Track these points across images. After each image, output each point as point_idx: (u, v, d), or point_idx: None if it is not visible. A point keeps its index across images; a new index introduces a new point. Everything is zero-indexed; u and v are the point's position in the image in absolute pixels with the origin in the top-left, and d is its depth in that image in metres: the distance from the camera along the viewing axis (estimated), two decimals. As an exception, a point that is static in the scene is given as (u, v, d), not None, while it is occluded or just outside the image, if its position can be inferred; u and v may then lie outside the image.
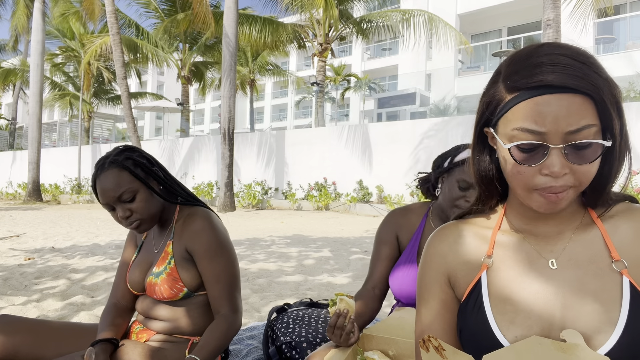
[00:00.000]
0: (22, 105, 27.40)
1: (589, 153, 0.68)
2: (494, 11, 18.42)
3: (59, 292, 3.28)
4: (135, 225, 1.39)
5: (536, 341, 0.64)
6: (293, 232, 7.04)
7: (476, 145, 0.82)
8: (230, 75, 11.38)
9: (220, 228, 1.46)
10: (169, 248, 1.43)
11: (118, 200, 1.36)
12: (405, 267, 1.55)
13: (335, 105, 24.97)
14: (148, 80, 38.60)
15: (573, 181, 0.69)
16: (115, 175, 1.36)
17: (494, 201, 0.85)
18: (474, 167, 0.83)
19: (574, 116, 0.66)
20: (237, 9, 11.35)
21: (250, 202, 12.63)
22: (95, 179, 1.38)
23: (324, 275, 3.91)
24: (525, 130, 0.68)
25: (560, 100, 0.66)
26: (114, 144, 18.74)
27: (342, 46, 28.97)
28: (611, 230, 0.76)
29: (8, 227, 7.59)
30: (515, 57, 0.73)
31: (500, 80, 0.74)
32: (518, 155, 0.70)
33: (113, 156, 1.40)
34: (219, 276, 1.39)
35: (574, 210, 0.79)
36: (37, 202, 15.24)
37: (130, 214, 1.37)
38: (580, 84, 0.65)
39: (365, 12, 15.83)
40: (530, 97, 0.68)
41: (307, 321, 1.72)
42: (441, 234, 0.88)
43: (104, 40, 15.71)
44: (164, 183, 1.47)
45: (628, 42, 14.60)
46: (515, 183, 0.73)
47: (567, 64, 0.67)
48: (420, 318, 0.85)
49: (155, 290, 1.39)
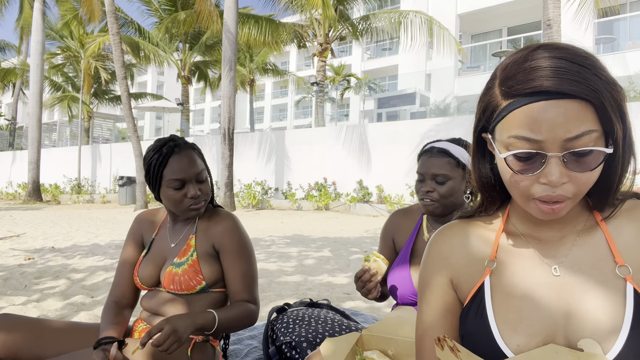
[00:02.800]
0: (22, 105, 27.39)
1: (590, 160, 0.65)
2: (494, 11, 18.41)
3: (59, 292, 3.28)
4: (201, 206, 1.47)
5: (553, 349, 0.63)
6: (293, 232, 7.04)
7: (476, 151, 0.80)
8: (230, 75, 11.37)
9: (245, 229, 1.56)
10: (191, 241, 1.49)
11: (194, 178, 1.44)
12: (398, 268, 1.55)
13: (335, 105, 24.94)
14: (148, 80, 38.60)
15: (572, 190, 0.67)
16: (193, 155, 1.46)
17: (496, 205, 0.84)
18: (474, 174, 0.82)
19: (573, 122, 0.63)
20: (237, 8, 11.36)
21: (250, 202, 12.62)
22: (171, 155, 1.42)
23: (324, 275, 3.91)
24: (521, 138, 0.66)
25: (557, 107, 0.63)
26: (114, 144, 18.74)
27: (342, 46, 28.97)
28: (615, 233, 0.74)
29: (8, 227, 7.59)
30: (510, 60, 0.70)
31: (495, 85, 0.71)
32: (515, 165, 0.68)
33: (182, 140, 1.48)
34: (245, 273, 1.49)
35: (577, 213, 0.77)
36: (37, 202, 15.24)
37: (200, 193, 1.45)
38: (577, 89, 0.62)
39: (365, 12, 15.82)
40: (525, 103, 0.65)
41: (307, 321, 1.72)
42: (444, 234, 0.86)
43: (103, 40, 15.71)
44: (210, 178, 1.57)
45: (628, 42, 14.61)
46: (513, 191, 0.72)
47: (564, 68, 0.63)
48: (422, 318, 0.84)
49: (174, 280, 1.43)
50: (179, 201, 1.44)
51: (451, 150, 1.46)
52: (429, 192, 1.45)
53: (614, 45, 15.16)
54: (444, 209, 1.48)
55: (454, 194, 1.45)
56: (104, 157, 17.83)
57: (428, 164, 1.47)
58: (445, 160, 1.45)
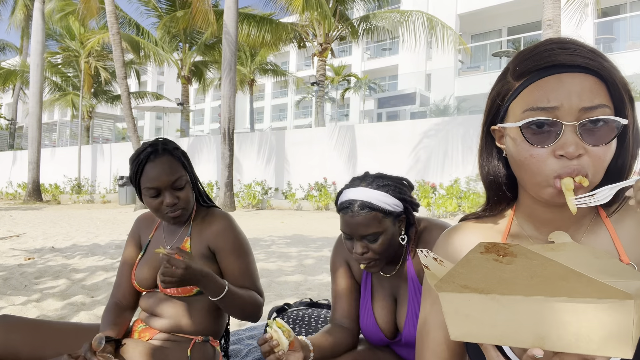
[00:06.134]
0: (22, 105, 27.39)
1: (604, 133, 0.65)
2: (494, 11, 18.41)
3: (59, 292, 3.28)
4: (178, 214, 1.43)
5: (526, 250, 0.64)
6: (293, 232, 7.03)
7: (484, 147, 0.80)
8: (230, 75, 11.37)
9: (240, 228, 1.54)
10: (186, 244, 1.47)
11: (170, 186, 1.40)
12: (363, 312, 1.39)
13: (335, 105, 24.93)
14: (148, 80, 38.60)
15: (588, 165, 0.65)
16: (170, 161, 1.41)
17: (502, 205, 0.83)
18: (481, 171, 0.81)
19: (587, 94, 0.64)
20: (237, 8, 11.35)
21: (250, 202, 12.63)
22: (146, 162, 1.40)
23: (324, 275, 3.91)
24: (536, 109, 0.66)
25: (572, 78, 0.65)
26: (114, 144, 18.75)
27: (342, 46, 28.95)
28: (620, 230, 0.74)
29: (8, 227, 7.58)
30: (521, 52, 0.72)
31: (507, 75, 0.73)
32: (530, 135, 0.67)
33: (162, 145, 1.44)
34: (247, 270, 1.48)
35: (584, 214, 0.76)
36: (37, 202, 15.24)
37: (177, 201, 1.41)
38: (591, 63, 0.65)
39: (365, 12, 15.83)
40: (541, 77, 0.67)
41: (307, 321, 1.72)
42: (450, 235, 0.86)
43: (102, 36, 15.70)
44: (194, 181, 1.52)
45: (628, 42, 14.60)
46: (528, 173, 0.70)
47: (576, 46, 0.66)
48: (426, 318, 0.84)
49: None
50: (157, 208, 1.42)
51: (373, 202, 1.22)
52: (364, 254, 1.25)
53: (614, 45, 15.16)
54: (385, 261, 1.29)
55: (390, 245, 1.26)
56: (104, 157, 17.84)
57: (352, 224, 1.23)
58: (371, 216, 1.21)
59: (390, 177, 1.30)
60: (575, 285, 0.51)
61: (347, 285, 1.41)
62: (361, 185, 1.26)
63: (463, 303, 0.59)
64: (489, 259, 0.53)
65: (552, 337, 0.54)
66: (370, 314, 1.36)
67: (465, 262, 0.55)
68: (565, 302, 0.53)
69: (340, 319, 1.40)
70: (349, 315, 1.40)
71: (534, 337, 0.55)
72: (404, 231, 1.30)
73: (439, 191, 10.07)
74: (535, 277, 0.52)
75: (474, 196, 9.29)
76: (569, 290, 0.52)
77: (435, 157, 10.89)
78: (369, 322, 1.36)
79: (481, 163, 0.81)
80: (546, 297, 0.53)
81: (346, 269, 1.42)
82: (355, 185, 1.27)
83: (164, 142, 1.46)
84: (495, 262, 0.53)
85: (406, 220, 1.30)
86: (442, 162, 10.78)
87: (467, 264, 0.55)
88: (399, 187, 1.28)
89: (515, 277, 0.54)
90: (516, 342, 0.56)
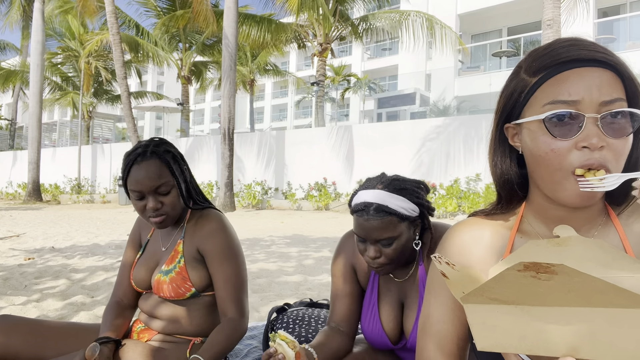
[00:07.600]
0: (22, 105, 27.39)
1: (624, 125, 0.67)
2: (494, 11, 18.41)
3: (59, 292, 3.28)
4: (161, 220, 1.38)
5: (534, 244, 0.63)
6: (293, 232, 7.03)
7: (497, 147, 0.80)
8: (230, 76, 11.38)
9: (233, 231, 1.47)
10: (179, 247, 1.43)
11: (154, 191, 1.36)
12: (368, 317, 1.35)
13: (335, 105, 24.94)
14: (148, 80, 38.59)
15: (610, 159, 0.66)
16: (157, 165, 1.36)
17: (513, 204, 0.82)
18: (494, 171, 0.81)
19: (606, 87, 0.66)
20: (237, 9, 11.35)
21: (250, 202, 12.63)
22: (132, 165, 1.36)
23: (324, 275, 3.90)
24: (558, 102, 0.67)
25: (591, 72, 0.66)
26: (114, 144, 18.75)
27: (342, 46, 28.95)
28: (628, 229, 0.74)
29: (8, 227, 7.58)
30: (535, 50, 0.73)
31: (521, 72, 0.73)
32: (553, 128, 0.68)
33: (153, 147, 1.39)
34: (229, 279, 1.39)
35: (594, 214, 0.75)
36: (37, 202, 15.24)
37: (160, 206, 1.37)
38: (608, 58, 0.66)
39: (365, 12, 15.83)
40: (559, 72, 0.68)
41: (307, 321, 1.72)
42: (460, 230, 0.85)
43: (101, 37, 15.70)
44: (188, 184, 1.47)
45: (628, 42, 14.61)
46: (547, 167, 0.70)
47: (591, 43, 0.68)
48: (430, 311, 0.84)
49: (163, 289, 1.39)
50: (141, 211, 1.39)
51: (390, 206, 1.18)
52: (376, 259, 1.22)
53: (614, 45, 15.16)
54: (397, 265, 1.27)
55: (404, 250, 1.23)
56: (104, 157, 17.84)
57: (367, 227, 1.19)
58: (387, 220, 1.18)
59: (407, 180, 1.26)
60: (614, 298, 0.50)
61: (349, 289, 1.38)
62: (377, 187, 1.22)
63: (490, 314, 0.58)
64: (527, 275, 0.52)
65: (586, 347, 0.53)
66: (376, 318, 1.33)
67: (500, 278, 0.54)
68: (600, 311, 0.52)
69: (339, 322, 1.37)
70: (348, 319, 1.37)
71: (567, 347, 0.54)
72: (418, 236, 1.27)
73: (439, 191, 10.08)
74: (573, 291, 0.52)
75: (474, 196, 9.29)
76: (606, 302, 0.51)
77: (437, 157, 10.89)
78: (374, 326, 1.33)
79: (495, 162, 0.81)
80: (579, 308, 0.53)
81: (350, 272, 1.39)
82: (372, 187, 1.23)
83: (156, 144, 1.41)
84: (532, 279, 0.52)
85: (421, 225, 1.27)
86: (443, 162, 10.78)
87: (502, 280, 0.54)
88: (416, 191, 1.23)
89: (550, 292, 0.53)
90: (547, 351, 0.55)
